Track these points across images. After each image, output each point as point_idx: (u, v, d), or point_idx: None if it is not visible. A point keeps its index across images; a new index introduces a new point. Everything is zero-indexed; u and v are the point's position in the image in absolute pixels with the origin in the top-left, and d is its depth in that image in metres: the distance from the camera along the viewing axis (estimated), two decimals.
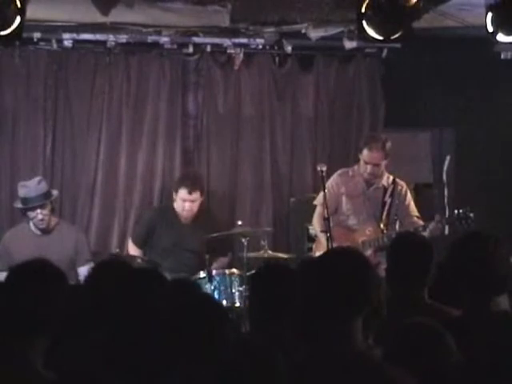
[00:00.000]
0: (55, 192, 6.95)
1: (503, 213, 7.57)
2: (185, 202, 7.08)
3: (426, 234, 6.30)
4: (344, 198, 6.85)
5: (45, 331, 2.98)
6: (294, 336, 3.38)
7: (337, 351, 2.83)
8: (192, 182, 7.15)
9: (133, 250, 7.27)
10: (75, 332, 3.51)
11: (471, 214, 6.41)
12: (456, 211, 6.47)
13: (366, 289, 2.89)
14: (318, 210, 6.82)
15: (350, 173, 6.94)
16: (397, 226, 6.74)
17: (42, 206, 6.71)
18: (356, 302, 2.87)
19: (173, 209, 7.21)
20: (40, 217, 6.72)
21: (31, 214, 6.74)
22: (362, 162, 6.79)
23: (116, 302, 3.52)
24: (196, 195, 7.08)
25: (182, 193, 7.05)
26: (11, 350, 2.94)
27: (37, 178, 6.85)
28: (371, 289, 2.90)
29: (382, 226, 6.77)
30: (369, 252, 6.58)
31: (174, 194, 7.16)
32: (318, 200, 6.83)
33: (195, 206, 7.12)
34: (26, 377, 2.89)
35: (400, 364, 2.90)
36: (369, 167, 6.74)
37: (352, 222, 6.83)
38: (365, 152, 6.73)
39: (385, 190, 6.86)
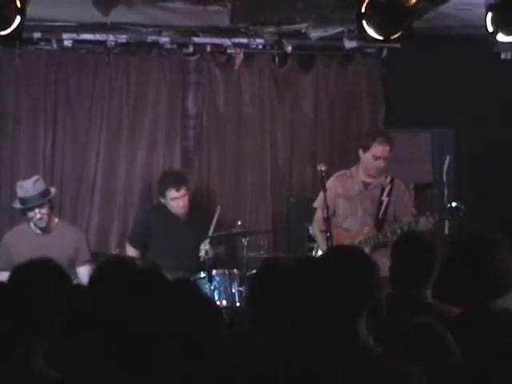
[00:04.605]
0: (53, 190, 6.90)
1: (503, 213, 7.57)
2: (177, 200, 7.09)
3: (417, 228, 6.32)
4: (341, 200, 6.83)
5: (47, 331, 2.97)
6: (294, 336, 3.38)
7: (343, 350, 2.82)
8: (175, 178, 7.18)
9: (130, 251, 7.26)
10: (77, 332, 3.50)
11: (463, 206, 6.44)
12: (448, 204, 6.51)
13: (368, 286, 2.89)
14: (318, 213, 6.81)
15: (348, 174, 6.94)
16: (394, 225, 6.74)
17: (40, 206, 6.67)
18: (359, 300, 2.87)
19: (166, 207, 7.21)
20: (38, 216, 6.69)
21: (30, 213, 6.73)
22: (368, 160, 6.75)
23: (119, 302, 3.52)
24: (184, 190, 7.11)
25: (171, 193, 7.08)
26: (13, 350, 2.93)
27: (34, 178, 6.78)
28: (374, 286, 2.90)
29: (378, 224, 6.77)
30: (366, 250, 6.58)
31: (161, 199, 7.17)
32: (317, 202, 6.83)
33: (187, 200, 7.14)
34: (27, 377, 2.88)
35: None
36: (379, 162, 6.73)
37: (348, 224, 6.80)
38: (375, 147, 6.71)
39: (382, 189, 6.85)
